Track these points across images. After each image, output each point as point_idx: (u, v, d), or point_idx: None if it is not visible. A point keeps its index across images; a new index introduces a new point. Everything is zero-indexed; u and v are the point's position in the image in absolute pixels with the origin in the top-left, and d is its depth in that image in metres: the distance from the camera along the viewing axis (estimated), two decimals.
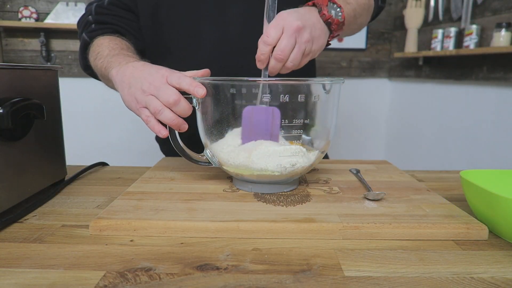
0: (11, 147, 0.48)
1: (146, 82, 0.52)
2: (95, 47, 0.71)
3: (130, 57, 0.64)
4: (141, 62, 0.59)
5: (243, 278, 0.35)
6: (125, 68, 0.57)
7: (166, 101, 0.50)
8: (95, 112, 2.44)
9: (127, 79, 0.55)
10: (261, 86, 0.49)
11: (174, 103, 0.50)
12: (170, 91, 0.50)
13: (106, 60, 0.64)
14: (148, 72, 0.53)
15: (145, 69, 0.54)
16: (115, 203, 0.49)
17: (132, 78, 0.54)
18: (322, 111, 0.52)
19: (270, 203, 0.49)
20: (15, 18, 2.26)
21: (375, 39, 2.56)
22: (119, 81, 0.56)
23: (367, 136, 2.69)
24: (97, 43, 0.71)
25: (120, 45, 0.69)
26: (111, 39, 0.71)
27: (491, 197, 0.41)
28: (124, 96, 0.56)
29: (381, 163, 0.74)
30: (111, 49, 0.67)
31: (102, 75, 0.67)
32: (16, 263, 0.37)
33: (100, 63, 0.66)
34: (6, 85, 0.47)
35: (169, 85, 0.51)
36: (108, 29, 0.75)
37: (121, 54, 0.65)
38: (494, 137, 1.73)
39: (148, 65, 0.56)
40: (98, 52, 0.69)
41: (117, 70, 0.58)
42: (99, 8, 0.76)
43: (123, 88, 0.55)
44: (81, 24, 0.78)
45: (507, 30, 1.57)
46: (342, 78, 0.52)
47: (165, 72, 0.52)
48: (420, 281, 0.34)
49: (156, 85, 0.51)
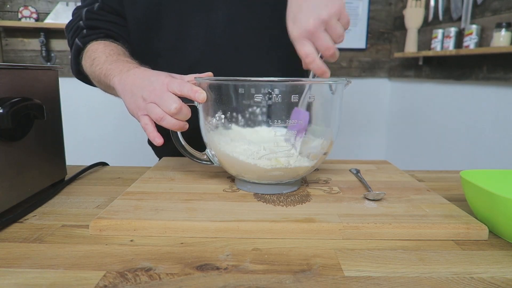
0: (11, 147, 0.48)
1: (146, 90, 0.53)
2: (89, 53, 0.71)
3: (129, 63, 0.64)
4: (142, 68, 0.60)
5: (243, 278, 0.35)
6: (127, 76, 0.58)
7: (168, 110, 0.51)
8: (95, 112, 2.44)
9: (129, 88, 0.56)
10: (307, 88, 0.49)
11: (176, 112, 0.51)
12: (171, 100, 0.51)
13: (105, 67, 0.64)
14: (148, 80, 0.54)
15: (146, 76, 0.55)
16: (115, 203, 0.49)
17: (134, 86, 0.55)
18: (327, 111, 0.52)
19: (270, 203, 0.49)
20: (15, 18, 2.26)
21: (375, 39, 2.56)
22: (122, 90, 0.58)
23: (367, 136, 2.69)
24: (92, 49, 0.71)
25: (116, 51, 0.70)
26: (106, 45, 0.71)
27: (491, 197, 0.41)
28: (127, 104, 0.57)
29: (381, 163, 0.74)
30: (108, 55, 0.67)
31: (100, 81, 0.67)
32: (16, 263, 0.37)
33: (98, 69, 0.66)
34: (6, 85, 0.47)
35: (170, 93, 0.52)
36: (100, 34, 0.75)
37: (119, 61, 0.65)
38: (494, 137, 1.73)
39: (149, 72, 0.57)
40: (94, 58, 0.68)
41: (119, 78, 0.59)
42: (89, 13, 0.76)
43: (126, 96, 0.57)
44: (70, 29, 0.77)
45: (507, 30, 1.57)
46: (344, 78, 0.52)
47: (165, 78, 0.53)
48: (420, 281, 0.34)
49: (157, 93, 0.52)
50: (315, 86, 0.50)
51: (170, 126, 0.52)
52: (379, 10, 2.53)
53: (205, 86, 0.51)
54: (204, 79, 0.51)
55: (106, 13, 0.76)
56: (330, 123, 0.53)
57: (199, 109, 0.54)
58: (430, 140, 2.18)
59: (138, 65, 0.64)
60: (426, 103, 2.22)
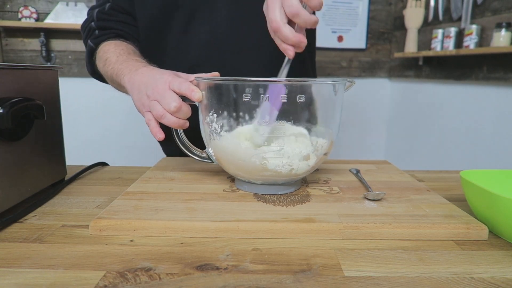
0: (11, 147, 0.48)
1: (150, 88, 0.56)
2: (102, 54, 0.74)
3: (138, 62, 0.67)
4: (150, 67, 0.63)
5: (243, 278, 0.35)
6: (135, 75, 0.61)
7: (168, 108, 0.53)
8: (95, 112, 2.44)
9: (136, 85, 0.59)
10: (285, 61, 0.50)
11: (175, 110, 0.53)
12: (171, 98, 0.53)
13: (116, 67, 0.68)
14: (153, 78, 0.57)
15: (151, 74, 0.58)
16: (115, 203, 0.49)
17: (141, 84, 0.58)
18: (328, 112, 0.52)
19: (270, 203, 0.49)
20: (15, 18, 2.26)
21: (375, 39, 2.56)
22: (130, 88, 0.61)
23: (367, 136, 2.69)
24: (103, 50, 0.75)
25: (126, 50, 0.73)
26: (117, 45, 0.75)
27: (491, 197, 0.41)
28: (134, 101, 0.60)
29: (381, 163, 0.74)
30: (118, 55, 0.71)
31: (113, 81, 0.71)
32: (16, 263, 0.37)
33: (110, 69, 0.70)
34: (6, 85, 0.47)
35: (171, 91, 0.54)
36: (111, 34, 0.78)
37: (129, 60, 0.68)
38: (494, 137, 1.73)
39: (155, 70, 0.60)
40: (106, 58, 0.72)
41: (128, 77, 0.62)
42: (100, 14, 0.79)
43: (133, 94, 0.60)
44: (84, 29, 0.81)
45: (507, 30, 1.57)
46: (345, 79, 0.52)
47: (168, 77, 0.55)
48: (420, 281, 0.34)
49: (159, 91, 0.54)
50: (315, 86, 0.50)
51: (170, 124, 0.54)
52: (379, 10, 2.53)
53: (202, 86, 0.52)
54: (202, 79, 0.52)
55: (117, 13, 0.79)
56: (331, 123, 0.53)
57: (199, 107, 0.54)
58: (430, 140, 2.18)
59: (147, 64, 0.67)
60: (426, 103, 2.22)
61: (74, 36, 2.34)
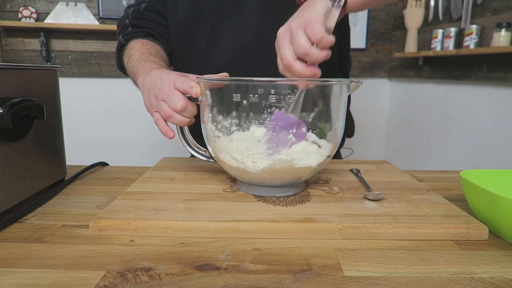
0: (11, 147, 0.48)
1: (157, 88, 0.57)
2: (128, 50, 0.78)
3: (154, 63, 0.69)
4: (161, 69, 0.64)
5: (243, 278, 0.35)
6: (147, 76, 0.63)
7: (174, 108, 0.54)
8: (95, 112, 2.44)
9: (147, 86, 0.61)
10: (297, 94, 0.48)
11: (181, 110, 0.54)
12: (177, 97, 0.54)
13: (135, 65, 0.71)
14: (160, 79, 0.58)
15: (160, 76, 0.59)
16: (115, 203, 0.49)
17: (150, 85, 0.60)
18: (331, 113, 0.52)
19: (270, 203, 0.49)
20: (15, 18, 2.26)
21: (375, 39, 2.56)
22: (142, 89, 0.64)
23: (367, 136, 2.69)
24: (131, 46, 0.78)
25: (149, 50, 0.75)
26: (143, 43, 0.77)
27: (491, 197, 0.41)
28: (144, 101, 0.62)
29: (381, 163, 0.74)
30: (141, 54, 0.73)
31: (132, 78, 0.74)
32: (16, 263, 0.37)
33: (130, 66, 0.73)
34: (6, 85, 0.47)
35: (177, 91, 0.54)
36: (142, 33, 0.81)
37: (147, 61, 0.70)
38: (494, 137, 1.73)
39: (164, 71, 0.61)
40: (130, 55, 0.75)
41: (142, 78, 0.65)
42: (135, 13, 0.83)
43: (144, 95, 0.63)
44: (119, 26, 0.86)
45: (507, 30, 1.57)
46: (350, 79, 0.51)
47: (173, 77, 0.56)
48: (420, 281, 0.34)
49: (165, 91, 0.55)
50: (317, 88, 0.49)
51: (178, 123, 0.56)
52: (379, 10, 2.53)
53: (203, 86, 0.52)
54: (203, 79, 0.52)
55: (151, 13, 0.82)
56: (334, 125, 0.53)
57: (200, 108, 0.55)
58: (430, 140, 2.18)
59: (161, 66, 0.68)
60: (426, 103, 2.22)
61: (74, 36, 2.34)
